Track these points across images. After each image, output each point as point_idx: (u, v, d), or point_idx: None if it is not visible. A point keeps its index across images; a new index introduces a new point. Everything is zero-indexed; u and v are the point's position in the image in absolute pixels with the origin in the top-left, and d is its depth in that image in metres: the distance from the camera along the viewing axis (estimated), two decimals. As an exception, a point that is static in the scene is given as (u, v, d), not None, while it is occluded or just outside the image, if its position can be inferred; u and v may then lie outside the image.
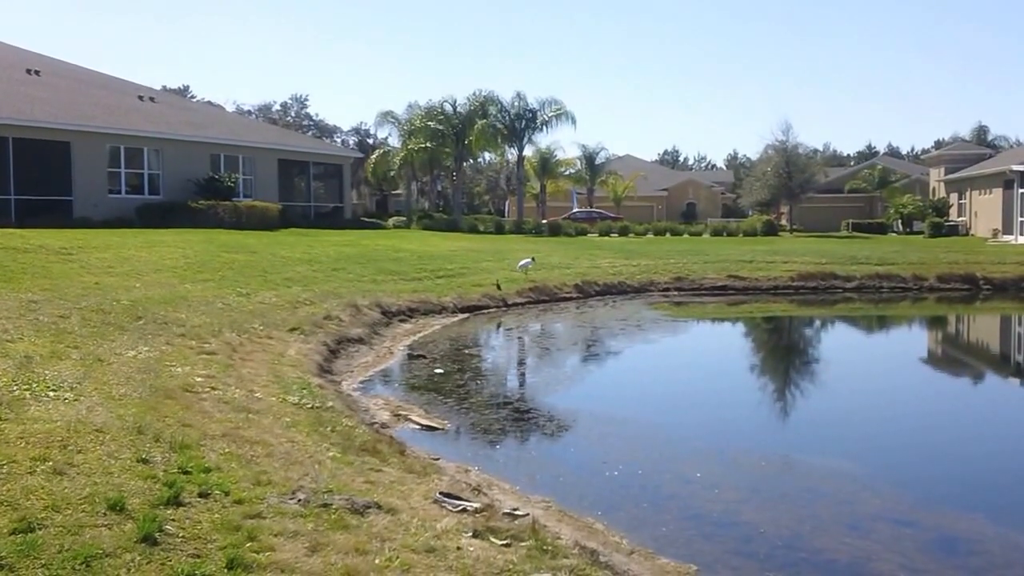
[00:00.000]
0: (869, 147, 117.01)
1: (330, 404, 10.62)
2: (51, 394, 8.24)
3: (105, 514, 5.49)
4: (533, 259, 27.20)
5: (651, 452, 10.32)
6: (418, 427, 11.21)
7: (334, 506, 6.32)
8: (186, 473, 6.58)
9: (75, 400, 8.17)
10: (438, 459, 9.47)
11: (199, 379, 10.29)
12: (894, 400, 14.41)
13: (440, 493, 7.36)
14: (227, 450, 7.50)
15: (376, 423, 10.94)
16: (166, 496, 5.93)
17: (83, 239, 21.44)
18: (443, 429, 11.22)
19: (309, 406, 10.18)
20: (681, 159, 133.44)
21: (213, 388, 9.99)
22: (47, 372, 9.06)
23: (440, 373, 14.98)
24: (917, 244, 39.69)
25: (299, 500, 6.35)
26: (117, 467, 6.46)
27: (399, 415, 11.68)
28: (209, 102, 67.51)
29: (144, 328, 12.75)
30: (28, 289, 14.21)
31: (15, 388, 8.18)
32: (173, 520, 5.58)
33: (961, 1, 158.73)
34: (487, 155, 65.25)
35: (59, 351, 10.26)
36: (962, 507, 8.60)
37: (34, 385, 8.42)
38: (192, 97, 70.88)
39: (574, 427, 11.80)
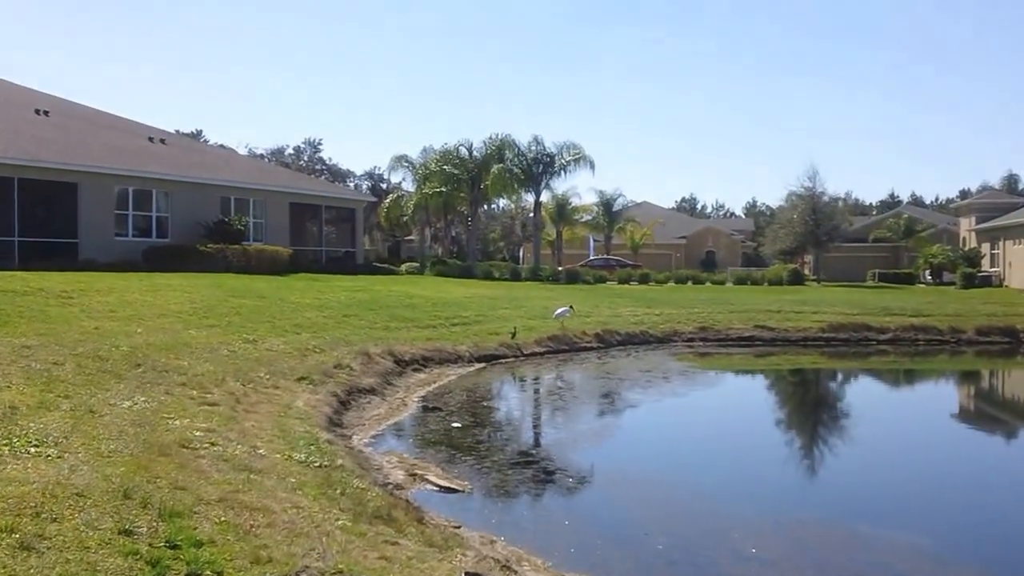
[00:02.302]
0: (892, 196, 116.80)
1: (339, 462, 9.66)
2: (32, 450, 7.40)
3: (73, 603, 4.58)
4: (571, 307, 26.33)
5: (696, 520, 9.30)
6: (436, 488, 10.25)
7: (344, 592, 5.37)
8: (174, 547, 5.68)
9: (58, 457, 7.31)
10: (459, 527, 8.50)
11: (198, 433, 9.39)
12: (956, 464, 13.31)
13: (466, 574, 6.38)
14: (223, 518, 6.57)
15: (390, 484, 9.99)
16: (147, 579, 5.01)
17: (86, 282, 20.69)
18: (463, 491, 10.25)
19: (317, 464, 9.25)
20: (699, 207, 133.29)
21: (212, 444, 9.08)
22: (31, 424, 8.23)
23: (458, 427, 14.06)
24: (951, 295, 38.57)
25: (303, 584, 5.40)
26: (95, 540, 5.56)
27: (415, 474, 10.73)
28: (221, 145, 67.35)
29: (143, 376, 11.91)
30: (23, 334, 13.43)
31: (-8, 443, 7.32)
32: (153, 611, 4.65)
33: (981, 51, 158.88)
34: (502, 201, 64.80)
35: (48, 401, 9.43)
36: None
37: (14, 439, 7.59)
38: (205, 141, 70.77)
39: (608, 490, 10.82)
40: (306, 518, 7.15)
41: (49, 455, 7.32)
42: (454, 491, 10.19)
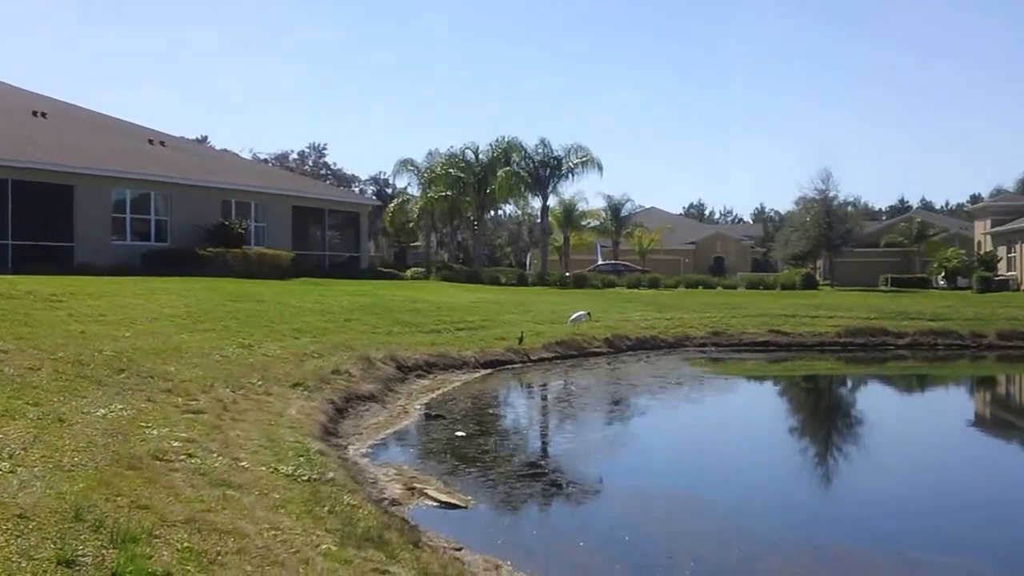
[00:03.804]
0: (902, 201, 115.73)
1: (330, 475, 8.80)
2: (-20, 464, 6.56)
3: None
4: (588, 314, 25.49)
5: (726, 542, 8.35)
6: (436, 504, 9.39)
7: (320, 637, 4.51)
8: (122, 582, 4.81)
9: (9, 472, 6.49)
10: (460, 549, 7.65)
11: (176, 444, 8.55)
12: (1002, 479, 12.29)
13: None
14: (186, 544, 5.70)
15: (385, 499, 9.14)
16: (81, 625, 4.15)
17: (77, 286, 19.87)
18: (466, 507, 9.38)
19: (305, 478, 8.39)
20: (707, 212, 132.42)
21: (190, 455, 8.23)
22: (-11, 435, 7.38)
23: (461, 436, 13.20)
24: (970, 299, 37.47)
25: (271, 627, 4.54)
26: (28, 572, 4.70)
27: (413, 488, 9.88)
28: (224, 150, 66.49)
29: (125, 382, 11.09)
30: (0, 337, 12.59)
31: (-62, 456, 6.51)
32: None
33: (991, 53, 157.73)
34: (508, 207, 63.93)
35: (14, 408, 8.60)
36: None
37: (-38, 453, 6.75)
38: (211, 147, 70.01)
39: (625, 506, 9.90)
40: (284, 542, 6.30)
41: (-1, 469, 6.51)
42: (456, 507, 9.34)
